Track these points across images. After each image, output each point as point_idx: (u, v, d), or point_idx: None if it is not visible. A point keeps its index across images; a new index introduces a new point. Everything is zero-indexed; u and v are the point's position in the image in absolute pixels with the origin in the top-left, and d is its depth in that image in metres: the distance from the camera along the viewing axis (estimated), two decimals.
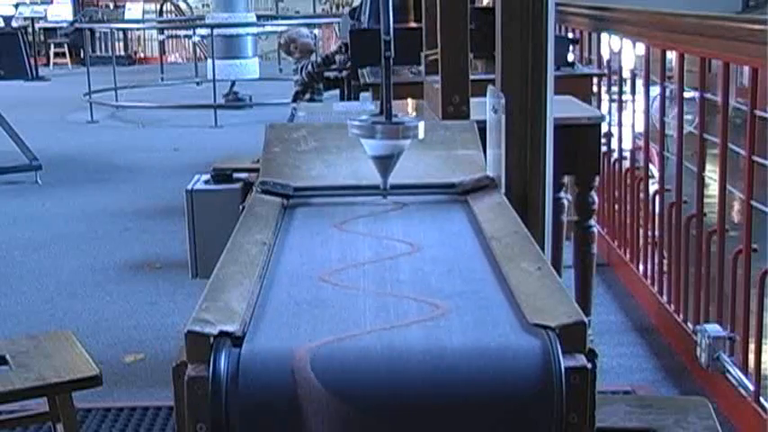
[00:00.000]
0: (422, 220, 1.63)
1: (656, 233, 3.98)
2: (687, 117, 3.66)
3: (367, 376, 1.05)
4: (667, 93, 3.96)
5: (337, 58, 5.84)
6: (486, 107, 1.96)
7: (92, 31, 15.83)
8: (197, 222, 3.39)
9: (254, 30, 12.74)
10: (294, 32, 6.23)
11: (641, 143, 4.19)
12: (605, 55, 4.81)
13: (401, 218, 1.64)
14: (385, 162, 1.59)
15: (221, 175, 3.47)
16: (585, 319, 1.10)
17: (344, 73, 5.78)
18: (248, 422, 1.04)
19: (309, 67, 5.97)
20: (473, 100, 2.36)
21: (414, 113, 3.04)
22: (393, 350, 1.07)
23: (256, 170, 1.97)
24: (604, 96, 4.84)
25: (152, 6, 18.02)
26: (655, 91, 4.06)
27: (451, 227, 1.61)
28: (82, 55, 15.00)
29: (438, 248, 1.48)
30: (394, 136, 1.56)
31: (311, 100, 5.89)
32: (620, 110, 4.62)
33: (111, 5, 18.12)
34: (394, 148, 1.57)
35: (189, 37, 14.60)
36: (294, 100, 5.97)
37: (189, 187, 3.46)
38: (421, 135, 1.58)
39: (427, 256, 1.44)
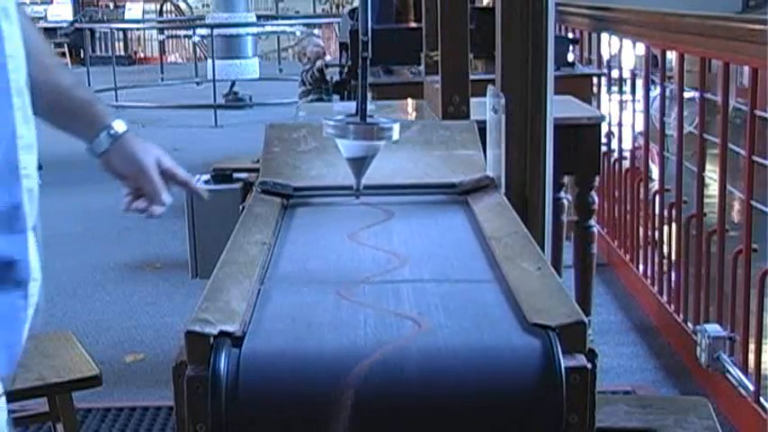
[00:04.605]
0: (421, 220, 1.63)
1: (656, 233, 3.97)
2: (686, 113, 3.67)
3: (365, 377, 1.05)
4: (667, 93, 3.96)
5: (327, 70, 6.09)
6: (486, 107, 1.95)
7: (92, 31, 15.82)
8: (197, 222, 3.38)
9: (254, 30, 12.74)
10: (307, 41, 6.49)
11: (641, 143, 4.19)
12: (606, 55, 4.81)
13: (401, 218, 1.64)
14: (358, 163, 1.52)
15: (221, 175, 3.46)
16: (585, 319, 1.10)
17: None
18: (248, 422, 1.04)
19: (310, 72, 6.18)
20: (473, 100, 2.36)
21: (414, 113, 3.04)
22: (392, 350, 1.07)
23: (256, 170, 1.97)
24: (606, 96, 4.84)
25: (152, 6, 18.01)
26: (655, 91, 4.06)
27: (451, 227, 1.61)
28: (82, 55, 14.98)
29: (437, 248, 1.48)
30: (368, 137, 1.48)
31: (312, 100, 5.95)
32: (620, 110, 4.62)
33: (111, 5, 18.11)
34: (368, 149, 1.50)
35: (189, 37, 14.59)
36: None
37: None
38: (395, 137, 1.50)
39: (427, 255, 1.44)
